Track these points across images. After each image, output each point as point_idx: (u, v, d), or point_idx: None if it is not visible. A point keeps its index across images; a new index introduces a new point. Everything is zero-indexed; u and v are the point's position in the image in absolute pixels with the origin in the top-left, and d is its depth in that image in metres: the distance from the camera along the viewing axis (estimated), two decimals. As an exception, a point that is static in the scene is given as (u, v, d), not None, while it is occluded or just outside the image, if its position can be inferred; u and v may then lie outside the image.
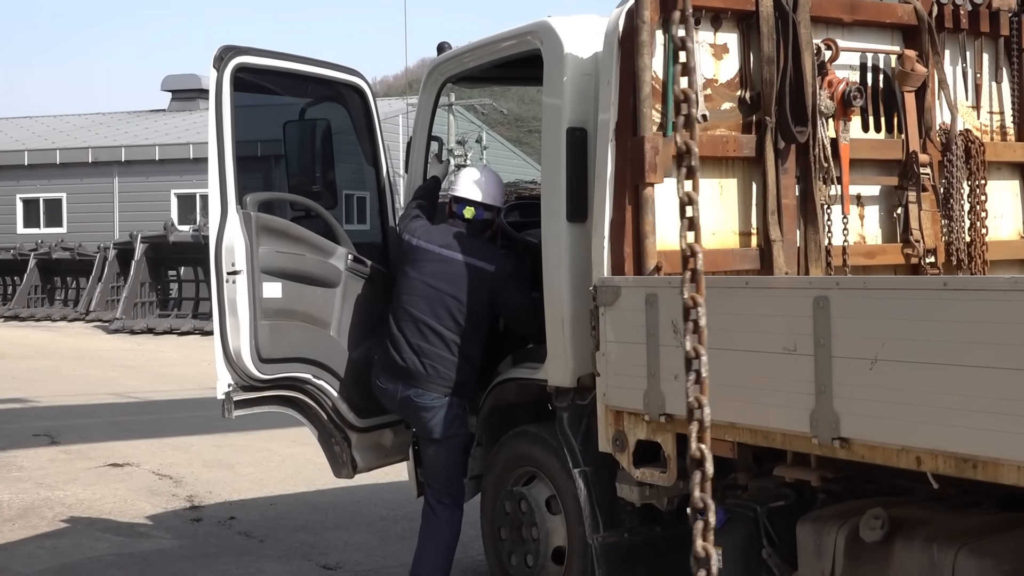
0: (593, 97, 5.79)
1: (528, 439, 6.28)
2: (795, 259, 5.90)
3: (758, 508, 5.06)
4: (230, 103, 6.35)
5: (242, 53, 6.46)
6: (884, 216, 6.37)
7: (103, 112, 47.83)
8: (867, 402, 4.21)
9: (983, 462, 3.91)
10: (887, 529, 4.42)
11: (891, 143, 6.31)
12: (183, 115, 43.18)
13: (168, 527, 8.73)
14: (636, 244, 5.45)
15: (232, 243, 6.24)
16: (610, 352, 5.35)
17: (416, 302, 6.34)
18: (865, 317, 4.22)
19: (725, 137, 5.80)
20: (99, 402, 15.49)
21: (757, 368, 4.62)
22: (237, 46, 6.45)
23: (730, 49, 5.89)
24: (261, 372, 6.29)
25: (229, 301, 6.22)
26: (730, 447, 5.00)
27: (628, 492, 5.58)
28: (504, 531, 6.39)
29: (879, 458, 4.25)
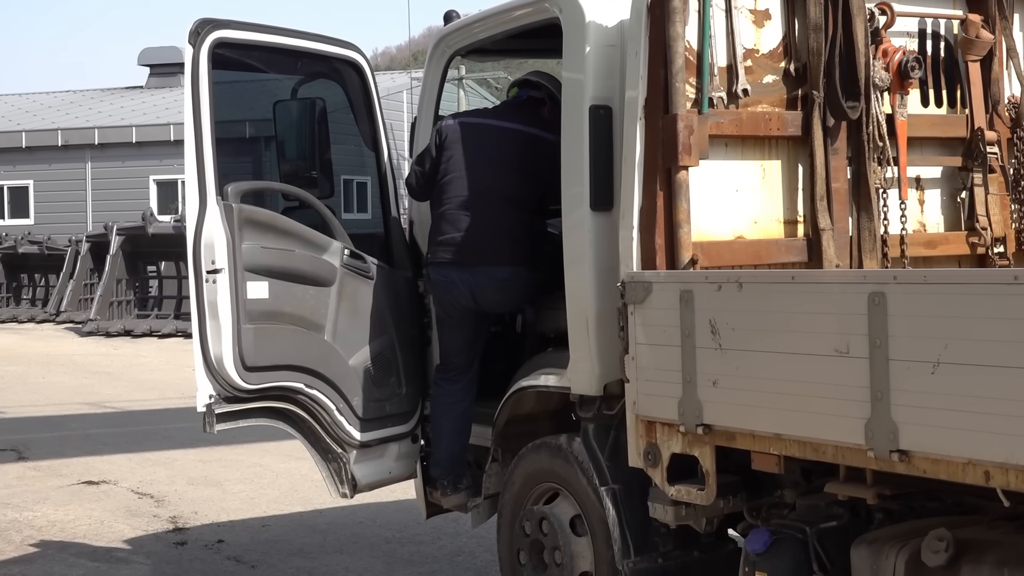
0: (619, 71, 5.79)
1: (550, 453, 6.28)
2: (847, 250, 5.89)
3: (807, 529, 5.06)
4: (208, 82, 6.33)
5: (221, 27, 6.44)
6: (946, 201, 6.36)
7: (74, 90, 47.95)
8: (929, 410, 4.20)
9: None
10: (952, 552, 4.41)
11: (954, 119, 6.30)
12: (163, 92, 43.25)
13: (149, 552, 8.76)
14: (669, 235, 5.45)
15: (212, 238, 6.25)
16: (640, 356, 5.34)
17: (479, 177, 6.54)
18: (926, 315, 4.21)
19: (768, 114, 5.79)
20: (72, 413, 15.55)
21: (805, 373, 4.61)
22: (215, 19, 6.43)
23: (772, 15, 5.88)
24: (246, 381, 6.30)
25: (209, 303, 6.24)
26: (776, 461, 5.01)
27: (662, 512, 5.57)
28: (523, 555, 6.39)
29: (943, 473, 4.23)
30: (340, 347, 6.64)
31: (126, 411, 15.78)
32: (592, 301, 5.87)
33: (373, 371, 6.80)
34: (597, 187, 5.87)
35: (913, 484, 4.57)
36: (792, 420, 4.71)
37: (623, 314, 5.41)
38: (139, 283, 28.03)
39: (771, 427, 4.81)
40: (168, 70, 44.87)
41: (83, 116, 39.97)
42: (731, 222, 5.75)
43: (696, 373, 5.05)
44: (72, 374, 19.76)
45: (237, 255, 6.25)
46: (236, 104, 6.79)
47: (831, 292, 4.63)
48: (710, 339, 4.97)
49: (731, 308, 4.91)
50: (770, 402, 4.78)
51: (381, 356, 6.86)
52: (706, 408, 5.04)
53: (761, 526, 5.23)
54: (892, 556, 4.61)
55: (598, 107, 5.88)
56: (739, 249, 5.72)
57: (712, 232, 5.68)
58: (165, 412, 15.54)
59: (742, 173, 5.79)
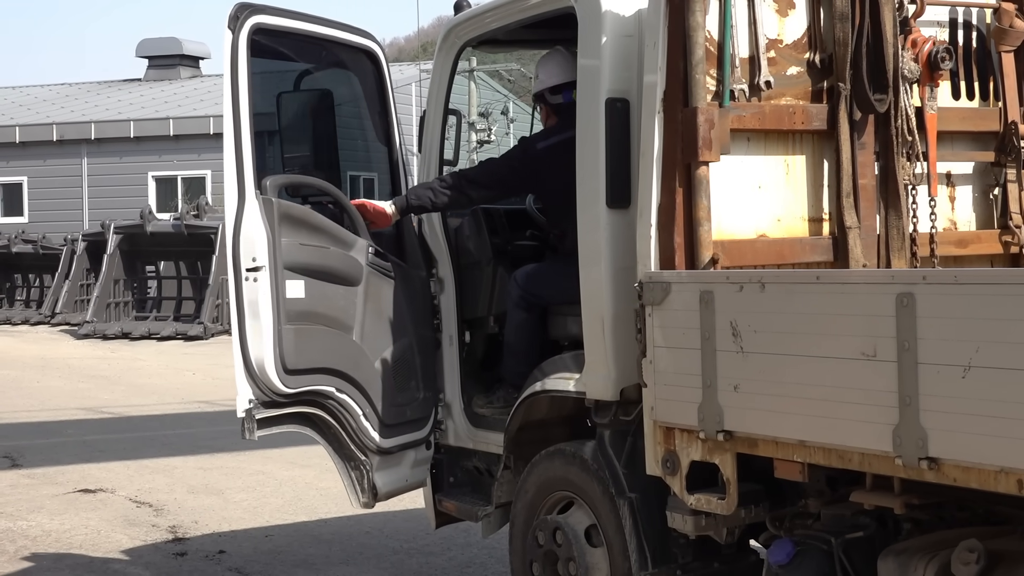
0: (637, 62, 5.80)
1: (564, 460, 6.29)
2: (875, 249, 5.89)
3: (833, 540, 5.07)
4: (247, 70, 6.28)
5: (259, 12, 6.40)
6: (979, 198, 6.36)
7: (69, 83, 48.09)
8: (960, 416, 4.20)
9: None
10: (984, 564, 4.41)
11: (986, 112, 6.30)
12: (161, 85, 43.39)
13: (147, 563, 8.79)
14: (688, 233, 5.45)
15: (252, 234, 6.19)
16: (659, 359, 5.35)
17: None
18: (957, 317, 4.21)
19: (792, 107, 5.80)
20: (67, 418, 15.61)
21: (831, 377, 4.61)
22: (253, 3, 6.41)
23: (797, 4, 5.88)
24: (286, 385, 6.26)
25: (249, 302, 6.17)
26: (799, 469, 5.00)
27: (681, 522, 5.58)
28: (537, 566, 6.39)
29: (974, 481, 4.23)
30: (367, 348, 6.64)
31: (124, 416, 15.83)
32: (608, 302, 5.87)
33: (395, 374, 6.78)
34: (614, 183, 5.87)
35: (943, 493, 4.57)
36: (817, 426, 4.71)
37: (640, 316, 5.41)
38: (137, 284, 28.13)
39: (795, 433, 4.81)
40: (167, 62, 45.06)
41: (79, 110, 40.09)
42: (753, 220, 5.76)
43: (716, 377, 5.06)
44: (68, 378, 19.82)
45: (277, 252, 6.21)
46: (263, 93, 6.72)
47: (858, 293, 4.63)
48: (731, 342, 4.97)
49: (753, 310, 4.91)
50: (794, 407, 4.78)
51: (402, 359, 6.85)
52: (727, 414, 5.04)
53: (784, 537, 5.23)
54: (921, 568, 4.61)
55: (615, 100, 5.89)
56: (761, 248, 5.72)
57: (733, 230, 5.68)
58: (164, 418, 15.60)
59: (765, 169, 5.80)
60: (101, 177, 36.34)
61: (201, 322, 25.62)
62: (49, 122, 37.95)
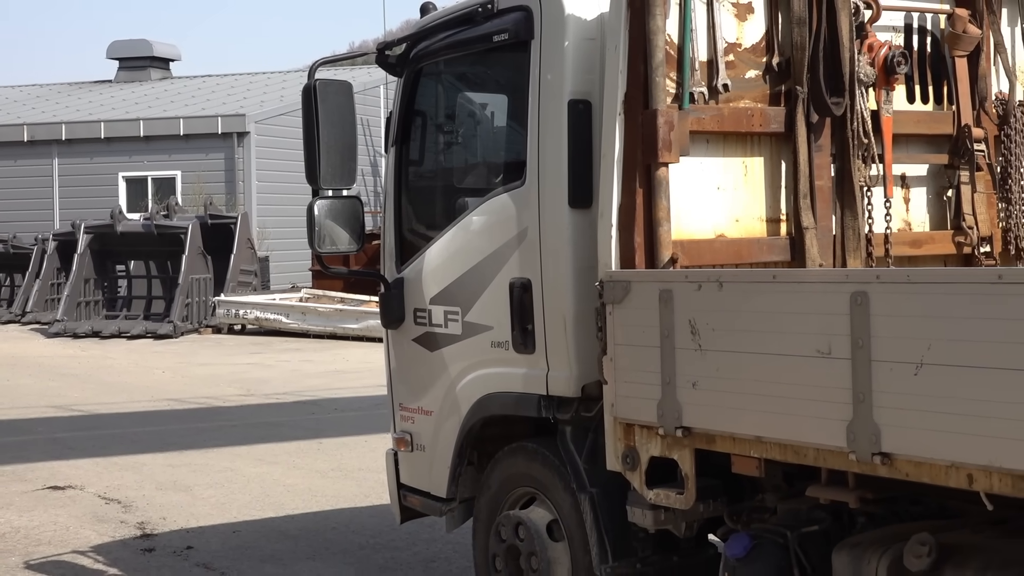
0: (599, 65, 5.80)
1: (526, 456, 6.30)
2: (831, 249, 5.92)
3: (789, 534, 5.09)
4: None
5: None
6: (932, 199, 6.39)
7: (40, 84, 47.86)
8: (912, 412, 4.22)
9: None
10: (935, 557, 4.43)
11: (940, 116, 6.33)
12: (132, 87, 43.21)
13: (116, 558, 8.75)
14: (648, 233, 5.47)
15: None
16: (619, 357, 5.36)
17: None
18: (909, 315, 4.24)
19: (750, 110, 5.82)
20: (37, 416, 15.52)
21: (786, 374, 4.63)
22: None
23: (755, 9, 5.91)
24: None
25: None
26: (756, 464, 5.03)
27: (640, 516, 5.59)
28: (499, 561, 6.40)
29: (925, 476, 4.26)
30: None
31: (93, 414, 15.75)
32: (570, 301, 5.88)
33: None
34: (576, 184, 5.88)
35: (896, 488, 4.60)
36: (773, 422, 4.73)
37: (601, 314, 5.42)
38: (107, 283, 28.02)
39: (751, 430, 4.83)
40: (138, 64, 44.90)
41: (50, 111, 39.88)
42: (712, 220, 5.78)
43: (675, 374, 5.07)
44: (38, 376, 19.71)
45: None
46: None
47: (813, 292, 4.65)
48: (690, 340, 4.99)
49: (711, 308, 4.93)
50: (750, 404, 4.80)
51: None
52: (685, 410, 5.06)
53: (741, 531, 5.25)
54: (874, 561, 4.63)
55: (577, 102, 5.89)
56: (720, 248, 5.74)
57: (692, 230, 5.70)
58: (134, 415, 15.53)
59: (723, 170, 5.82)
60: (72, 177, 36.13)
61: (171, 321, 25.54)
62: (20, 123, 37.68)
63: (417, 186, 7.29)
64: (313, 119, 6.62)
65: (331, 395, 16.90)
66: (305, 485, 10.97)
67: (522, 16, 6.17)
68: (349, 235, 6.88)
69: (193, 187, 33.63)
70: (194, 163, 34.69)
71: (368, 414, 13.97)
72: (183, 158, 35.03)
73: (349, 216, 6.90)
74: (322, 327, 24.69)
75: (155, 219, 26.90)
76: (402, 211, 7.18)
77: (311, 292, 27.36)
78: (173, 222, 26.58)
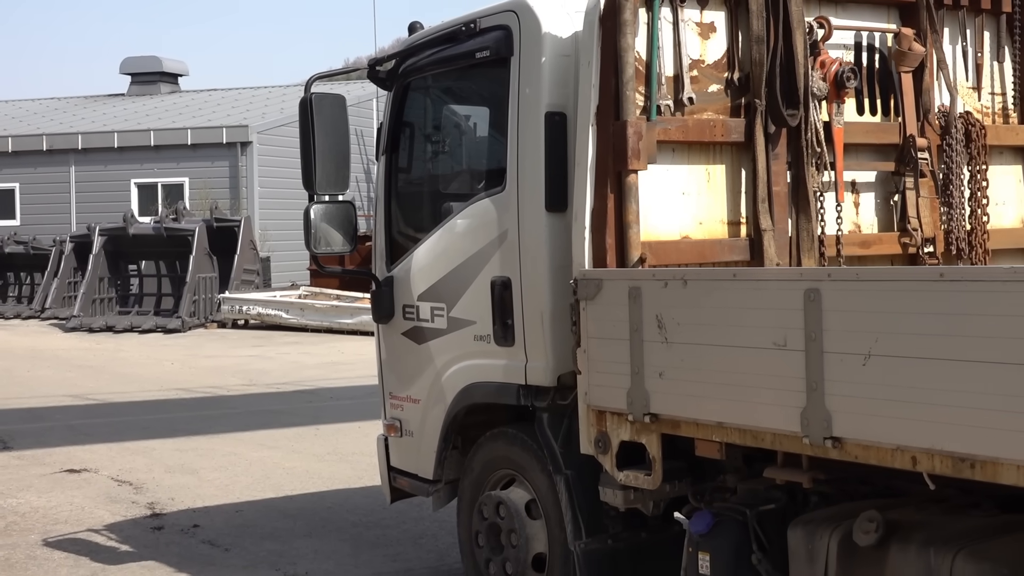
0: (573, 80, 5.80)
1: (506, 441, 6.29)
2: (787, 249, 5.92)
3: (747, 512, 5.08)
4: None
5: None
6: (880, 203, 6.40)
7: (58, 97, 47.62)
8: (860, 400, 4.23)
9: (982, 462, 3.93)
10: (882, 532, 4.44)
11: (887, 127, 6.34)
12: (143, 100, 43.05)
13: (127, 536, 8.72)
14: (619, 234, 5.47)
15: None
16: (592, 349, 5.36)
17: None
18: (858, 310, 4.24)
19: (712, 121, 5.82)
20: (55, 404, 15.46)
21: (746, 365, 4.64)
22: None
23: (717, 28, 5.90)
24: None
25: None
26: (718, 448, 5.04)
27: (611, 496, 5.59)
28: (482, 537, 6.40)
29: (873, 458, 4.27)
30: None
31: (107, 403, 15.69)
32: (547, 297, 5.88)
33: None
34: (552, 189, 5.88)
35: (846, 469, 4.60)
36: (733, 409, 4.74)
37: (576, 310, 5.42)
38: (120, 281, 27.94)
39: (713, 416, 4.83)
40: (148, 79, 44.73)
41: (67, 122, 39.71)
42: (678, 223, 5.78)
43: (644, 365, 5.07)
44: (56, 368, 19.63)
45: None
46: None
47: (770, 289, 4.65)
48: (657, 333, 4.99)
49: (677, 304, 4.93)
50: (712, 392, 4.81)
51: None
52: (653, 398, 5.06)
53: (704, 509, 5.25)
54: (826, 537, 4.64)
55: (553, 114, 5.89)
56: (685, 248, 5.74)
57: (660, 232, 5.70)
58: (144, 404, 15.48)
59: (688, 177, 5.81)
60: (87, 184, 35.98)
61: (179, 316, 25.48)
62: (39, 133, 37.54)
63: (406, 192, 7.28)
64: (309, 129, 6.60)
65: (327, 385, 16.87)
66: (303, 468, 10.94)
67: (502, 35, 6.17)
68: (343, 237, 6.87)
69: (200, 193, 33.53)
70: (201, 170, 34.59)
71: (362, 402, 13.95)
72: (190, 166, 34.93)
73: (343, 219, 6.89)
74: (319, 322, 24.65)
75: (164, 222, 26.84)
76: (392, 215, 7.17)
77: (309, 290, 27.30)
78: (181, 225, 26.52)
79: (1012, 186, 6.82)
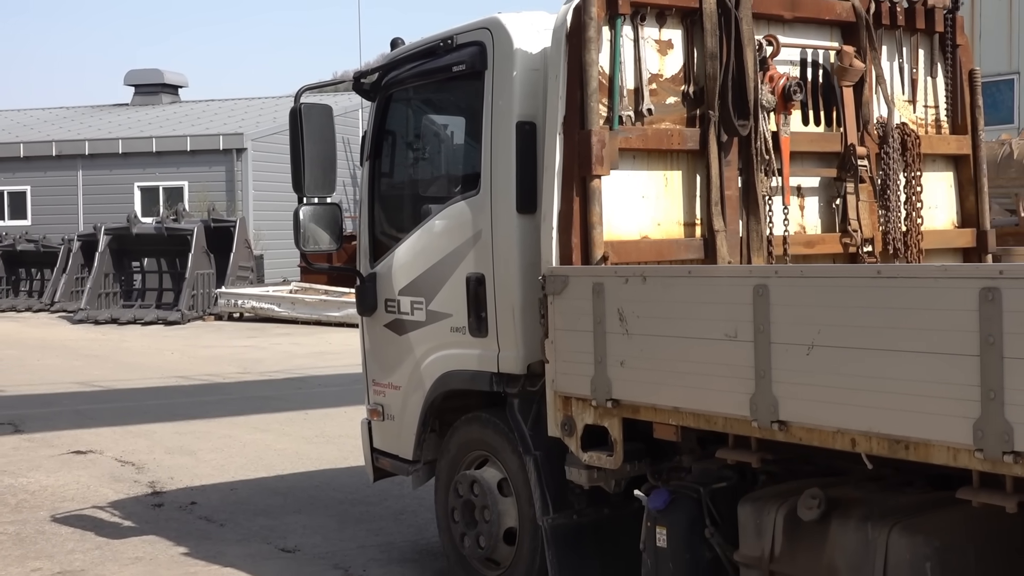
0: (542, 92, 5.80)
1: (480, 424, 6.29)
2: (738, 249, 5.92)
3: (701, 489, 5.10)
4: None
5: None
6: (823, 207, 6.41)
7: (66, 106, 47.29)
8: (804, 386, 4.25)
9: (915, 443, 3.96)
10: (824, 508, 4.46)
11: (830, 136, 6.35)
12: (145, 109, 42.77)
13: (130, 512, 8.67)
14: (584, 235, 5.46)
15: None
16: (558, 340, 5.36)
17: None
18: (803, 305, 4.26)
19: (670, 130, 5.82)
20: (63, 391, 15.35)
21: (700, 355, 4.65)
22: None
23: (675, 45, 5.90)
24: None
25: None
26: (674, 431, 5.05)
27: (576, 475, 5.60)
28: (457, 513, 6.39)
29: (816, 440, 4.29)
30: None
31: (112, 389, 15.59)
32: (518, 292, 5.87)
33: None
34: (523, 193, 5.87)
35: (791, 450, 4.62)
36: (688, 395, 4.75)
37: (544, 304, 5.42)
38: (124, 277, 27.80)
39: (670, 401, 4.85)
40: (151, 90, 44.44)
41: (75, 129, 39.43)
42: (638, 224, 5.77)
43: (606, 355, 5.08)
44: (64, 357, 19.51)
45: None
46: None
47: (722, 285, 4.67)
48: (618, 325, 5.00)
49: (636, 299, 4.94)
50: (669, 380, 4.82)
51: None
52: (614, 385, 5.06)
53: (662, 487, 5.26)
54: (773, 512, 4.66)
55: (524, 123, 5.89)
56: (644, 248, 5.74)
57: (621, 233, 5.69)
58: (146, 390, 15.40)
59: (647, 182, 5.81)
60: (93, 187, 35.76)
61: (179, 310, 25.36)
62: (49, 139, 37.25)
63: (388, 195, 7.26)
64: (299, 137, 6.57)
65: (316, 373, 16.81)
66: (293, 449, 10.91)
67: (477, 50, 6.16)
68: (330, 236, 6.84)
69: (198, 195, 33.36)
70: (199, 175, 34.43)
71: (347, 389, 13.90)
72: (190, 170, 34.75)
73: (329, 220, 6.86)
74: (309, 315, 24.56)
75: (165, 222, 26.74)
76: (375, 216, 7.15)
77: (299, 285, 27.19)
78: (181, 225, 26.40)
79: (944, 191, 6.85)
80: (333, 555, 7.44)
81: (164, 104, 43.97)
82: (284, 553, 7.55)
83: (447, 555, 6.61)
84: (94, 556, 7.55)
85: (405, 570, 7.06)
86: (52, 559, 7.49)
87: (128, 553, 7.60)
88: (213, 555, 7.51)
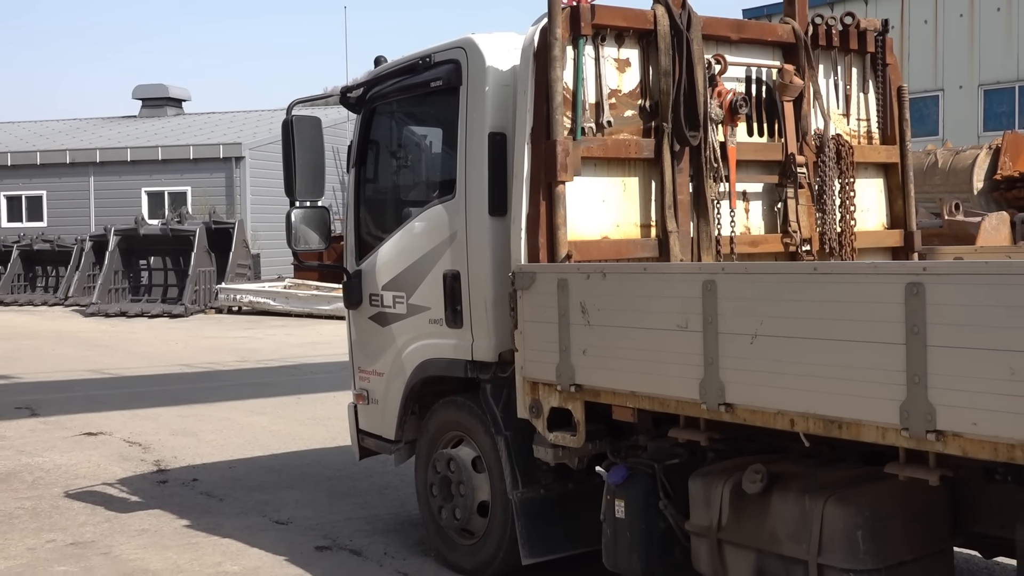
0: (512, 106, 5.79)
1: (456, 407, 6.28)
2: (689, 248, 5.93)
3: (656, 466, 5.11)
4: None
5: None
6: (766, 210, 6.43)
7: (79, 118, 46.95)
8: (748, 372, 4.26)
9: (847, 423, 3.97)
10: (766, 482, 4.48)
11: (772, 146, 6.37)
12: (152, 121, 42.52)
13: (137, 488, 8.62)
14: (549, 235, 5.46)
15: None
16: (527, 330, 5.36)
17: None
18: (747, 298, 4.27)
19: (628, 141, 5.82)
20: (76, 378, 15.25)
21: (654, 343, 4.65)
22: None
23: (632, 63, 5.91)
24: None
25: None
26: (631, 413, 5.06)
27: (543, 453, 5.60)
28: (435, 488, 6.38)
29: (759, 421, 4.30)
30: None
31: (121, 376, 15.49)
32: (490, 287, 5.86)
33: None
34: (494, 197, 5.86)
35: (737, 430, 4.63)
36: (644, 380, 4.75)
37: (514, 297, 5.41)
38: (132, 274, 27.63)
39: (627, 386, 4.85)
40: (157, 103, 44.20)
41: (87, 139, 39.16)
42: (598, 226, 5.78)
43: (570, 344, 5.08)
44: (77, 347, 19.37)
45: None
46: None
47: (674, 280, 4.68)
48: (581, 317, 5.00)
49: (597, 293, 4.94)
50: (627, 366, 4.82)
51: None
52: (577, 371, 5.06)
53: (620, 463, 5.27)
54: (720, 486, 4.68)
55: (495, 134, 5.87)
56: (604, 247, 5.75)
57: (583, 233, 5.70)
58: (152, 377, 15.30)
59: (607, 187, 5.82)
60: (104, 191, 35.53)
61: (183, 304, 25.25)
62: (63, 148, 36.98)
63: (372, 199, 7.23)
64: (291, 146, 6.54)
65: (308, 361, 16.75)
66: (286, 431, 10.86)
67: (453, 67, 6.15)
68: (319, 236, 6.82)
69: (200, 199, 33.21)
70: (201, 180, 34.26)
71: (336, 376, 13.86)
72: (193, 177, 34.57)
73: (319, 222, 6.84)
74: (301, 308, 24.48)
75: (170, 224, 26.64)
76: (360, 218, 7.12)
77: (293, 281, 27.08)
78: (184, 227, 26.28)
79: (875, 196, 6.88)
80: (323, 526, 7.42)
81: (169, 116, 43.73)
82: (278, 525, 7.52)
83: (427, 526, 6.59)
84: (104, 528, 7.50)
85: (388, 539, 7.04)
86: (65, 531, 7.44)
87: (135, 525, 7.55)
88: (213, 527, 7.47)
